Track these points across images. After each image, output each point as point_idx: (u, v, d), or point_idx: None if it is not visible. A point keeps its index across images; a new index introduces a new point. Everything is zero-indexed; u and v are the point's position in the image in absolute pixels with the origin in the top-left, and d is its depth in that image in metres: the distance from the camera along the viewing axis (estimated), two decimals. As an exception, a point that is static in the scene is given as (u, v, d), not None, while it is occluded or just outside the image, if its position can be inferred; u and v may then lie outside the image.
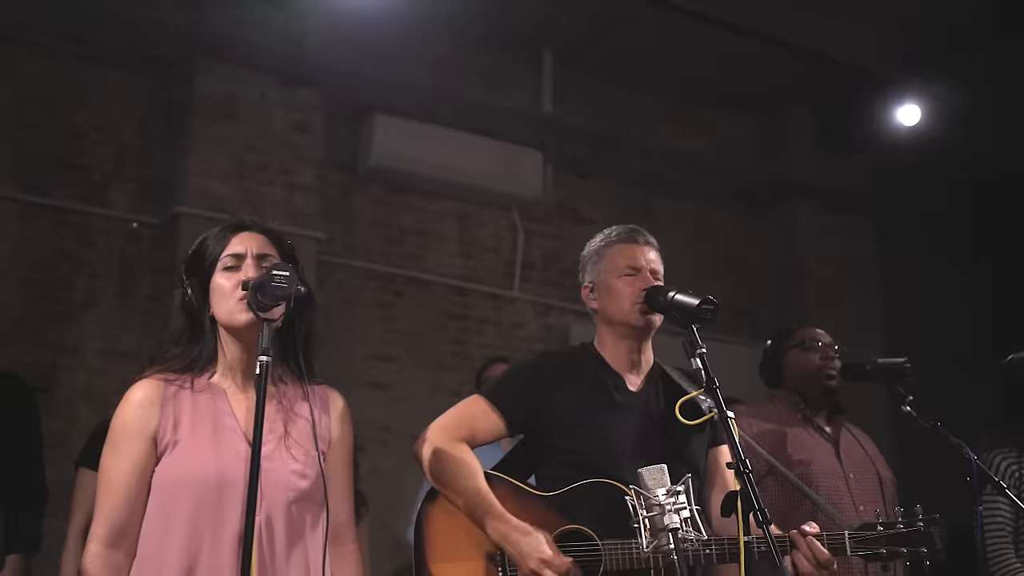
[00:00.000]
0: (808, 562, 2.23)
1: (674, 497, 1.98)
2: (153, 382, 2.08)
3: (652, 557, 2.06)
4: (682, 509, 1.97)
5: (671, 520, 1.95)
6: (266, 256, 2.10)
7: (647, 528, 1.99)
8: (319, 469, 2.04)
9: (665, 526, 1.95)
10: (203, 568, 1.94)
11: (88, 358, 5.18)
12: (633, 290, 2.53)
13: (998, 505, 3.45)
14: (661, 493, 1.99)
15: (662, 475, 2.02)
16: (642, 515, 1.99)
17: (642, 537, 2.00)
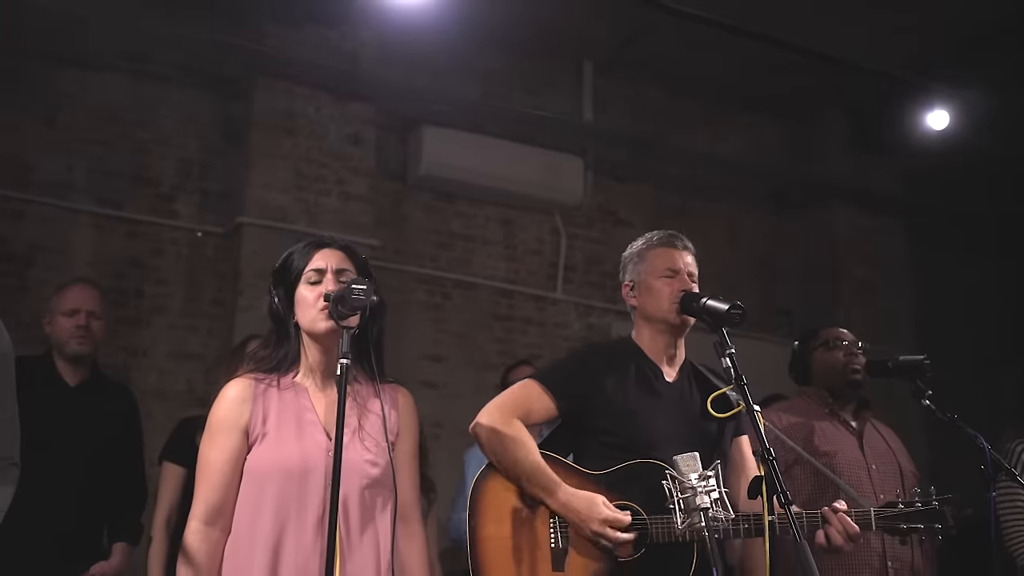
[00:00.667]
0: (839, 535, 2.48)
1: (705, 481, 2.23)
2: (245, 381, 2.36)
3: (687, 533, 2.32)
4: (712, 491, 2.22)
5: (702, 501, 2.21)
6: (344, 271, 2.37)
7: (681, 508, 2.26)
8: (388, 458, 2.32)
9: (697, 506, 2.21)
10: (289, 545, 2.21)
11: (158, 360, 5.48)
12: (672, 291, 2.77)
13: (1017, 492, 3.66)
14: (694, 477, 2.25)
15: (695, 461, 2.28)
16: (677, 497, 2.26)
17: (677, 516, 2.27)
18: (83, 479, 3.52)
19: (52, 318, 3.73)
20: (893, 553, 3.32)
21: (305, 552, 2.20)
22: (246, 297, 5.36)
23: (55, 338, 3.68)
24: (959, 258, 7.82)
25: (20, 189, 5.27)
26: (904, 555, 3.34)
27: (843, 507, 2.51)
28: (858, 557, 3.30)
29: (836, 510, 2.49)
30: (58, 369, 3.68)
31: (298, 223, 5.57)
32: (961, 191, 7.40)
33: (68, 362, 3.69)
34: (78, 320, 3.70)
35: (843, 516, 2.48)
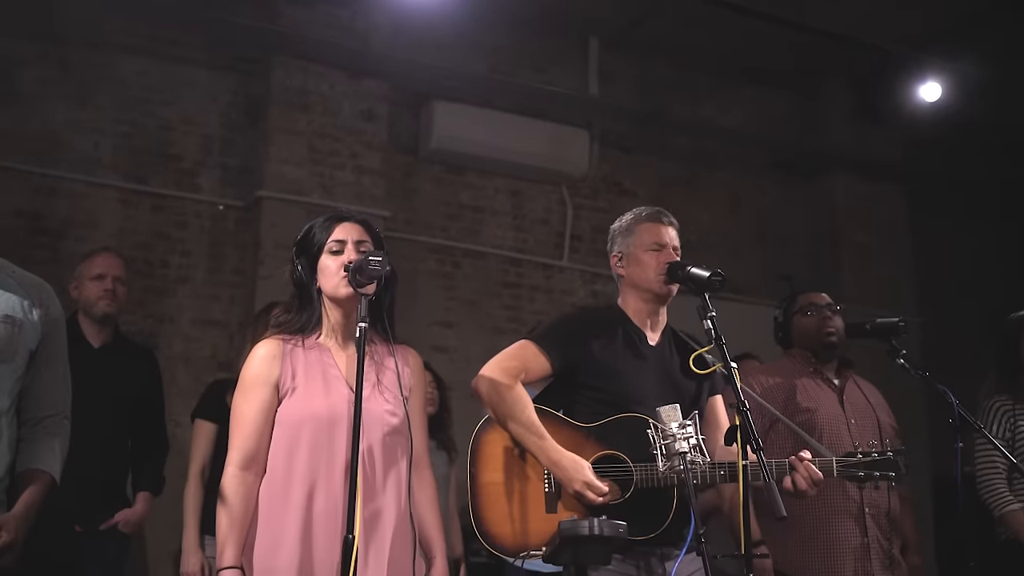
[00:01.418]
0: (804, 481, 2.74)
1: (684, 429, 2.50)
2: (274, 341, 2.63)
3: (668, 476, 2.59)
4: (690, 438, 2.49)
5: (681, 446, 2.48)
6: (362, 242, 2.63)
7: (663, 454, 2.53)
8: (404, 409, 2.60)
9: (677, 451, 2.48)
10: (321, 486, 2.48)
11: (183, 327, 5.77)
12: (658, 263, 3.00)
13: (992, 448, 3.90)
14: (674, 426, 2.52)
15: (675, 412, 2.55)
16: (659, 443, 2.53)
17: (659, 461, 2.54)
18: (108, 433, 3.77)
19: (80, 283, 4.00)
20: (870, 500, 3.58)
21: (335, 494, 2.46)
22: (266, 267, 5.63)
23: (83, 301, 3.94)
24: (958, 223, 8.03)
25: (51, 167, 5.54)
26: (881, 502, 3.61)
27: (808, 456, 2.77)
28: (838, 505, 3.57)
29: (801, 458, 2.74)
30: (83, 331, 3.94)
31: (314, 196, 5.83)
32: (960, 158, 7.60)
33: (94, 324, 3.94)
34: (105, 284, 3.99)
35: (808, 464, 2.73)
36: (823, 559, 3.55)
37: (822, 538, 3.56)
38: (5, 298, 2.52)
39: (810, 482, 2.73)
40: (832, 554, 3.55)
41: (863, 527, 3.56)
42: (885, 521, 3.61)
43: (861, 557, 3.54)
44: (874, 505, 3.58)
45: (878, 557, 3.55)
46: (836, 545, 3.55)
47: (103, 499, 3.74)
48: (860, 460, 2.80)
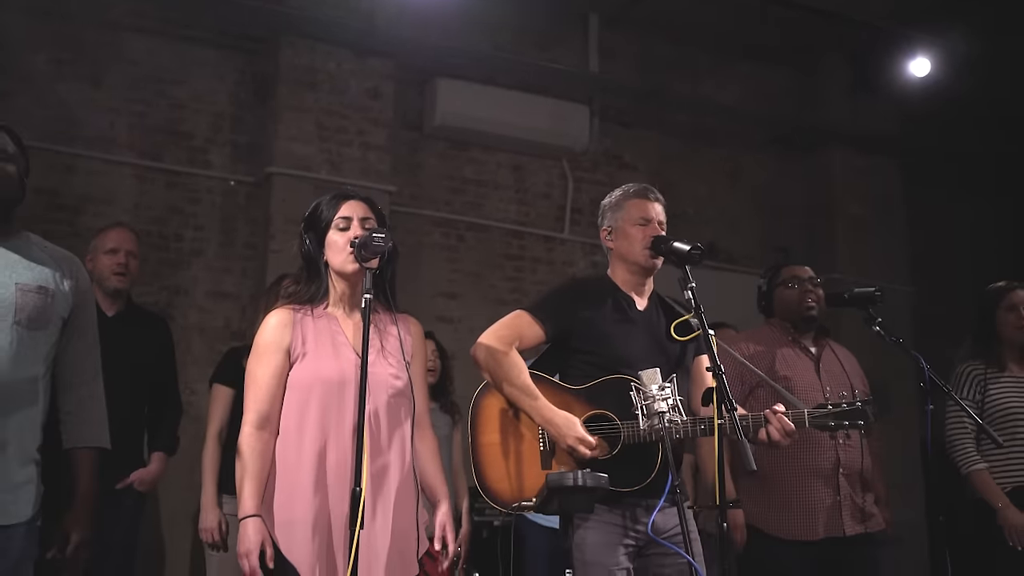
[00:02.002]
0: (777, 432, 2.96)
1: (663, 390, 2.72)
2: (285, 310, 2.85)
3: (649, 433, 2.81)
4: (668, 399, 2.71)
5: (660, 406, 2.70)
6: (367, 219, 2.84)
7: (644, 413, 2.75)
8: (407, 374, 2.82)
9: (656, 411, 2.71)
10: (331, 444, 2.71)
11: (197, 298, 5.96)
12: (644, 236, 3.21)
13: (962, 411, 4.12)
14: (654, 388, 2.74)
15: (656, 375, 2.77)
16: (640, 403, 2.75)
17: (641, 419, 2.76)
18: (123, 397, 3.82)
19: (94, 256, 4.20)
20: (845, 460, 3.81)
21: (345, 450, 2.69)
22: (277, 240, 5.83)
23: (97, 273, 4.12)
24: (953, 195, 8.20)
25: (68, 144, 5.73)
26: (854, 462, 3.83)
27: (781, 409, 2.98)
28: (814, 466, 3.80)
29: (775, 411, 2.96)
30: (97, 301, 4.16)
31: (322, 172, 6.01)
32: (955, 132, 7.76)
33: (106, 295, 4.13)
34: (118, 258, 4.21)
35: (780, 416, 2.95)
36: (798, 517, 3.79)
37: (797, 498, 3.80)
38: (38, 270, 2.72)
39: (783, 433, 2.94)
40: (806, 512, 3.79)
41: (836, 486, 3.78)
42: (857, 479, 3.84)
43: (832, 514, 3.78)
44: (848, 465, 3.81)
45: (849, 511, 3.78)
46: (810, 504, 3.78)
47: (119, 460, 3.84)
48: (830, 411, 3.00)
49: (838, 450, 3.78)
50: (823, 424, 3.01)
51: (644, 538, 3.03)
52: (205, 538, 4.07)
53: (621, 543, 3.02)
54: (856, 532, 3.78)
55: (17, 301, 2.62)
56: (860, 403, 2.98)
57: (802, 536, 3.77)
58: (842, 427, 3.01)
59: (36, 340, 2.66)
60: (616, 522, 3.00)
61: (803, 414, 3.00)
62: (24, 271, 2.68)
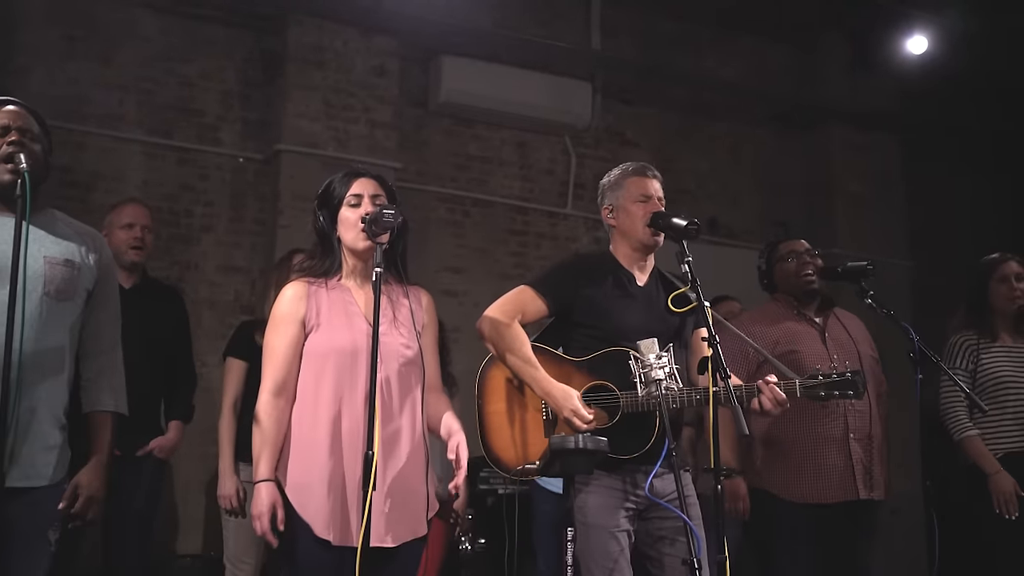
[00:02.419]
0: (769, 402, 3.08)
1: (660, 359, 2.85)
2: (300, 283, 2.97)
3: (647, 401, 2.95)
4: (665, 367, 2.84)
5: (657, 375, 2.83)
6: (377, 196, 2.96)
7: (642, 381, 2.88)
8: (418, 343, 2.94)
9: (653, 379, 2.83)
10: (345, 410, 2.83)
11: (208, 273, 6.08)
12: (644, 213, 3.32)
13: (958, 376, 4.25)
14: (652, 357, 2.86)
15: (654, 345, 2.89)
16: (639, 372, 2.88)
17: (639, 387, 2.89)
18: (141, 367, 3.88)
19: (110, 231, 4.30)
20: (855, 425, 3.95)
21: (358, 416, 2.81)
22: (285, 216, 5.95)
23: (113, 248, 4.12)
24: (952, 170, 8.29)
25: (80, 122, 5.83)
26: (863, 428, 3.97)
27: (773, 379, 3.11)
28: (826, 434, 3.95)
29: (767, 382, 3.09)
30: None
31: (329, 149, 6.12)
32: (953, 108, 7.84)
33: (123, 269, 4.19)
34: (135, 233, 4.33)
35: (772, 386, 3.07)
36: (811, 482, 3.93)
37: (811, 464, 3.94)
38: (65, 245, 2.85)
39: (774, 402, 3.07)
40: (819, 477, 3.93)
41: (847, 451, 3.92)
42: (867, 444, 3.97)
43: (845, 478, 3.92)
44: (857, 430, 3.94)
45: (860, 477, 3.92)
46: (824, 470, 3.92)
47: (138, 428, 3.99)
48: (821, 381, 3.13)
49: (847, 416, 3.91)
50: (814, 394, 3.14)
51: (644, 502, 3.17)
52: (223, 504, 4.18)
53: (622, 506, 3.16)
54: (867, 497, 3.93)
55: (46, 273, 2.75)
56: (850, 374, 3.10)
57: (814, 499, 3.91)
58: (832, 396, 3.13)
59: (63, 311, 2.79)
60: (616, 486, 3.14)
61: (794, 384, 3.13)
62: (51, 245, 2.81)
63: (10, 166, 2.72)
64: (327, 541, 2.79)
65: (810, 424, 3.94)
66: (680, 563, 2.90)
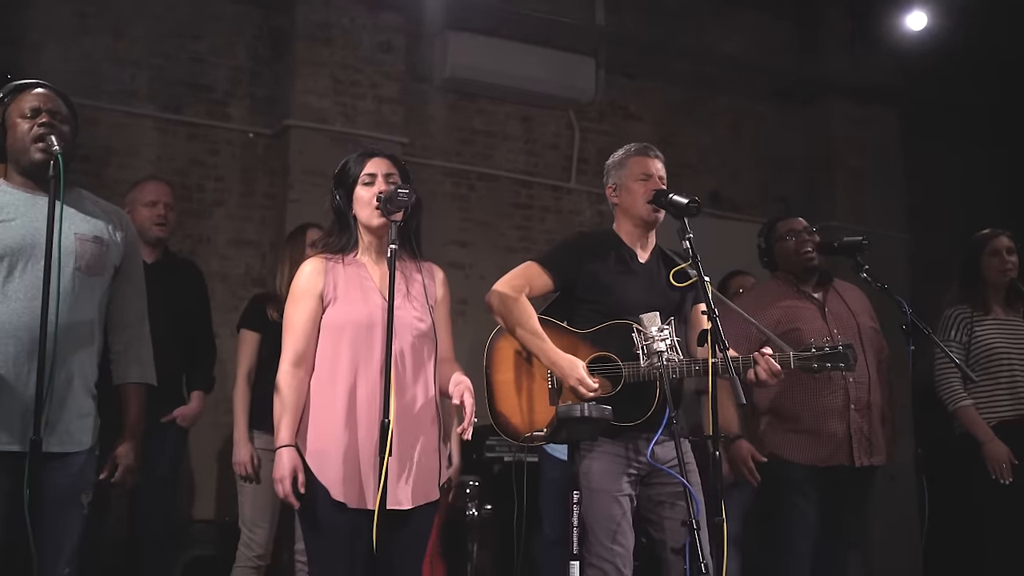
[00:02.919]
0: (764, 372, 3.23)
1: (662, 332, 2.99)
2: (318, 259, 3.11)
3: (649, 371, 3.09)
4: (666, 340, 2.98)
5: (659, 346, 2.97)
6: (391, 175, 3.09)
7: (644, 353, 3.02)
8: (431, 317, 3.08)
9: (655, 351, 2.98)
10: (361, 381, 2.97)
11: (219, 246, 6.19)
12: (645, 191, 3.46)
13: (952, 348, 4.39)
14: (654, 330, 3.00)
15: (656, 318, 3.03)
16: (641, 344, 3.02)
17: (641, 359, 3.03)
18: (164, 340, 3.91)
19: (133, 208, 4.43)
20: (855, 396, 4.09)
21: (373, 386, 2.95)
22: (295, 190, 6.07)
23: (137, 225, 4.25)
24: (950, 146, 8.38)
25: (93, 97, 5.93)
26: (863, 398, 4.11)
27: (768, 352, 3.25)
28: (827, 402, 4.09)
29: (763, 354, 3.23)
30: None
31: (337, 124, 6.22)
32: (953, 83, 7.93)
33: (146, 244, 4.31)
34: (158, 210, 4.47)
35: (767, 358, 3.22)
36: (812, 446, 4.08)
37: (815, 431, 4.08)
38: (93, 222, 2.98)
39: (769, 373, 3.22)
40: (820, 443, 4.08)
41: (848, 421, 4.06)
42: (866, 412, 4.11)
43: (844, 446, 4.07)
44: (857, 400, 4.09)
45: (860, 444, 4.07)
46: (824, 436, 4.07)
47: (162, 397, 4.07)
48: (814, 354, 3.27)
49: (847, 388, 4.05)
50: (807, 366, 3.28)
51: (646, 468, 3.32)
52: (239, 471, 4.32)
53: (624, 472, 3.31)
54: (864, 464, 4.08)
55: (77, 249, 2.88)
56: (841, 347, 3.24)
57: (814, 462, 4.07)
58: (824, 368, 3.27)
59: (93, 285, 2.93)
60: (619, 453, 3.30)
61: (788, 356, 3.27)
62: (81, 223, 2.94)
63: (42, 145, 2.85)
64: (343, 504, 2.94)
65: (812, 396, 4.09)
66: (679, 525, 3.05)
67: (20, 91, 2.95)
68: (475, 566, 5.36)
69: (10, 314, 2.74)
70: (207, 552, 4.97)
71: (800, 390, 4.07)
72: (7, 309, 2.75)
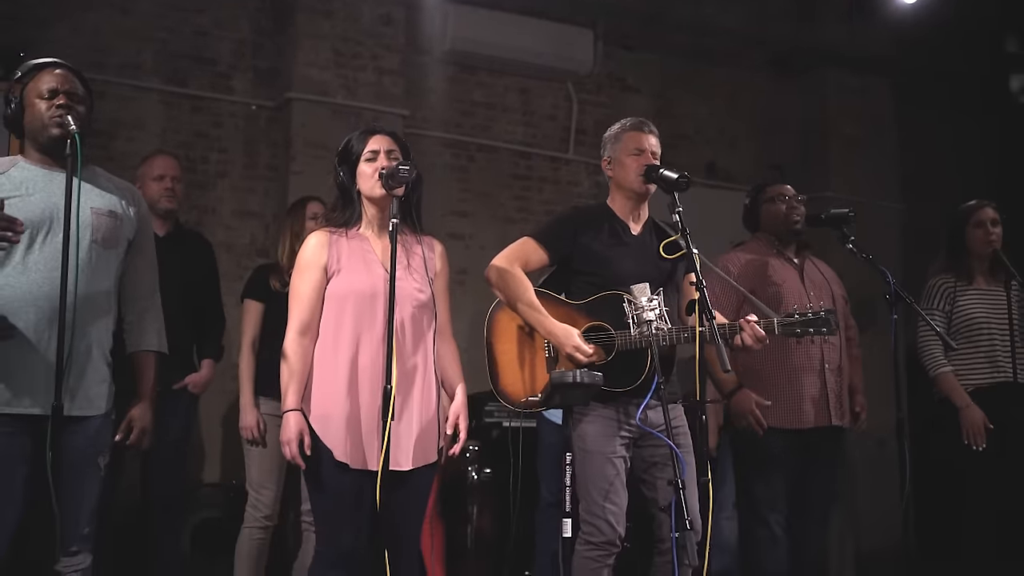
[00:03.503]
0: (750, 338, 3.38)
1: (651, 302, 3.13)
2: (323, 232, 3.25)
3: (639, 339, 3.24)
4: (655, 309, 3.13)
5: (648, 316, 3.12)
6: (392, 151, 3.22)
7: (635, 322, 3.17)
8: (431, 289, 3.22)
9: (644, 320, 3.12)
10: (364, 349, 3.12)
11: (224, 217, 6.29)
12: (638, 165, 3.59)
13: (934, 317, 4.54)
14: (644, 300, 3.15)
15: (645, 289, 3.18)
16: (632, 314, 3.16)
17: (632, 328, 3.18)
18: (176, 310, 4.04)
19: (142, 183, 4.57)
20: (828, 358, 4.25)
21: (375, 354, 3.11)
22: (297, 162, 6.17)
23: (147, 198, 4.42)
24: (943, 115, 8.47)
25: (99, 71, 6.02)
26: (835, 359, 4.28)
27: (753, 318, 3.40)
28: (803, 363, 4.25)
29: (748, 321, 3.38)
30: None
31: (338, 96, 6.31)
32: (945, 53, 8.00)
33: (157, 217, 4.44)
34: (166, 184, 4.61)
35: (752, 324, 3.37)
36: (790, 408, 4.24)
37: (790, 392, 4.25)
38: (108, 197, 3.13)
39: (754, 339, 3.37)
40: (797, 404, 4.24)
41: (823, 380, 4.22)
42: (837, 374, 4.28)
43: (820, 405, 4.24)
44: (831, 361, 4.25)
45: (834, 404, 4.24)
46: (802, 398, 4.24)
47: (174, 365, 4.27)
48: (797, 319, 3.42)
49: (823, 349, 4.21)
50: (791, 331, 3.43)
51: (638, 431, 3.48)
52: (245, 435, 4.48)
53: (617, 435, 3.47)
54: (838, 423, 4.24)
55: (93, 223, 3.02)
56: (824, 312, 3.39)
57: (791, 424, 4.22)
58: (807, 333, 3.42)
59: (109, 258, 3.08)
60: (612, 417, 3.45)
61: (773, 322, 3.42)
62: (96, 198, 3.08)
63: (59, 119, 2.98)
64: (346, 464, 3.10)
65: (790, 355, 4.24)
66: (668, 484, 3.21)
67: (38, 71, 3.08)
68: (475, 528, 5.54)
69: (31, 284, 2.89)
70: (214, 514, 5.12)
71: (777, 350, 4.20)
72: (28, 280, 2.89)
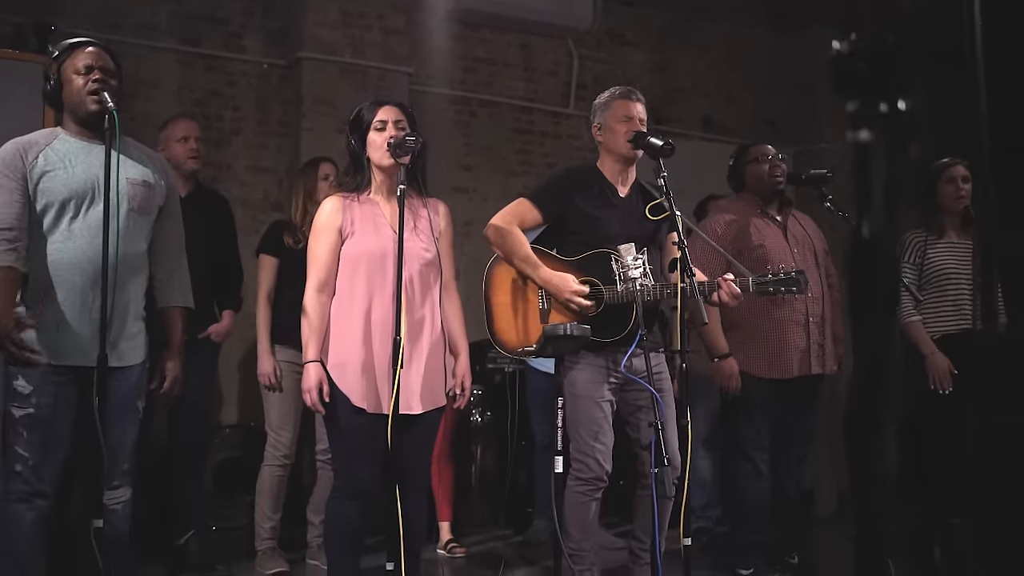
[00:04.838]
0: (727, 295, 3.68)
1: (636, 261, 3.44)
2: (337, 197, 3.55)
3: (625, 294, 3.55)
4: (640, 267, 3.43)
5: (633, 273, 3.42)
6: (400, 121, 3.50)
7: (621, 279, 3.48)
8: (436, 248, 3.53)
9: (630, 277, 3.43)
10: (376, 303, 3.42)
11: (239, 173, 6.56)
12: (626, 131, 3.87)
13: (905, 270, 4.82)
14: (630, 259, 3.45)
15: (631, 248, 3.49)
16: (619, 271, 3.47)
17: (618, 284, 3.49)
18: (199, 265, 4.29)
19: (166, 145, 4.85)
20: (812, 311, 4.55)
21: (386, 308, 3.42)
22: (308, 119, 6.43)
23: (172, 160, 4.69)
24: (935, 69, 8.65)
25: (116, 32, 6.26)
26: (818, 311, 4.58)
27: (731, 277, 3.70)
28: (788, 315, 4.55)
29: (725, 279, 3.68)
30: None
31: (346, 55, 6.56)
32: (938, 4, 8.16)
33: (181, 177, 4.71)
34: (190, 145, 4.88)
35: (729, 283, 3.66)
36: (776, 358, 4.55)
37: (775, 343, 4.55)
38: (140, 168, 3.42)
39: (731, 296, 3.67)
40: (783, 354, 4.55)
41: (808, 332, 4.53)
42: (821, 325, 4.59)
43: (804, 356, 4.55)
44: (814, 313, 4.56)
45: (815, 355, 4.55)
46: (787, 349, 4.54)
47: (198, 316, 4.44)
48: (770, 279, 3.71)
49: (807, 303, 4.51)
50: (763, 290, 3.72)
51: (623, 378, 3.80)
52: (263, 381, 4.81)
53: (605, 381, 3.80)
54: (819, 371, 4.56)
55: (129, 192, 3.33)
56: (794, 272, 3.68)
57: (777, 375, 4.54)
58: (779, 292, 3.71)
59: (142, 223, 3.39)
60: (600, 364, 3.78)
61: (748, 281, 3.72)
62: (131, 168, 3.38)
63: (96, 96, 3.26)
64: (362, 409, 3.43)
65: (776, 308, 4.54)
66: (649, 425, 3.54)
67: (73, 49, 3.36)
68: (479, 467, 5.92)
69: (76, 250, 3.20)
70: (234, 454, 5.44)
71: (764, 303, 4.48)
72: (73, 246, 3.20)
